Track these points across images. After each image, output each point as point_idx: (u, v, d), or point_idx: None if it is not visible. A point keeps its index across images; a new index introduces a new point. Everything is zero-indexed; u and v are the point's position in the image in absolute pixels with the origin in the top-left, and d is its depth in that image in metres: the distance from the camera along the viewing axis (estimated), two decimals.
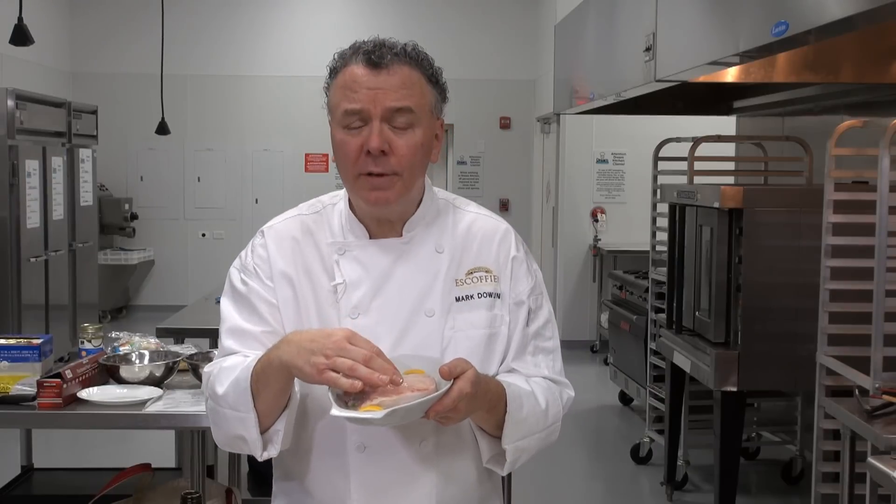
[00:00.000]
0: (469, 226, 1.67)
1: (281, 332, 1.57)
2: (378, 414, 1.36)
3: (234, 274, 1.66)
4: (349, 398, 1.42)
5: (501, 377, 1.59)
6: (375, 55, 1.54)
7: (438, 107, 1.61)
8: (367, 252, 1.61)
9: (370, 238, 1.62)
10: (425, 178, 1.66)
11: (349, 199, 1.65)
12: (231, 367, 1.55)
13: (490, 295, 1.62)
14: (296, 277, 1.60)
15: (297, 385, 1.51)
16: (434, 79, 1.60)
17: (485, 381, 1.48)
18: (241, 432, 1.52)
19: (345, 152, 1.55)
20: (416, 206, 1.64)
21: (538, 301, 1.68)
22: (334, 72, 1.58)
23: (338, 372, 1.38)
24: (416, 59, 1.57)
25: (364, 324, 1.56)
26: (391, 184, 1.55)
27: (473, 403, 1.44)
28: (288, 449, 1.57)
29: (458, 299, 1.60)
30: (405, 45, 1.58)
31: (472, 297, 1.61)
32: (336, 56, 1.59)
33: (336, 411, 1.39)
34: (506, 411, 1.53)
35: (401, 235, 1.62)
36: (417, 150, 1.56)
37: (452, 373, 1.41)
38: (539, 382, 1.63)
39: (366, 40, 1.57)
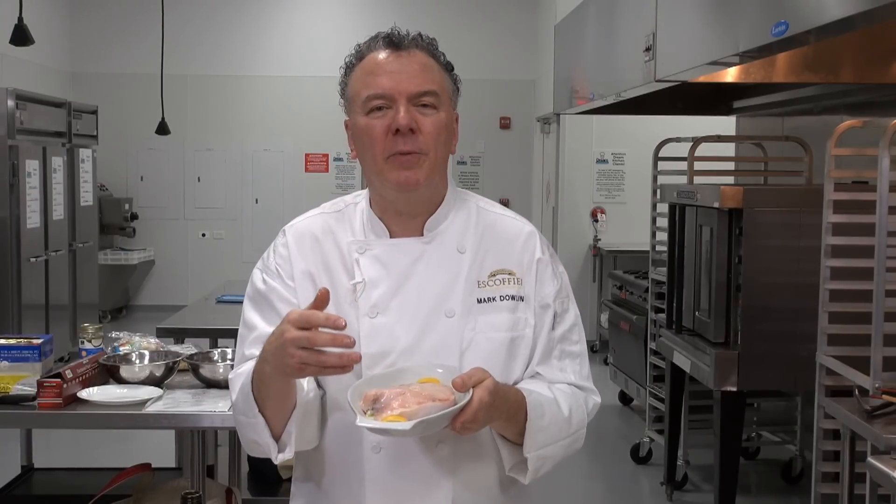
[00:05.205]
0: (492, 226, 1.64)
1: None
2: (406, 425, 1.34)
3: (257, 274, 1.65)
4: (367, 407, 1.40)
5: (523, 384, 1.56)
6: (395, 38, 1.56)
7: (454, 97, 1.62)
8: (388, 251, 1.59)
9: (391, 237, 1.61)
10: (448, 176, 1.64)
11: (370, 199, 1.64)
12: (241, 374, 1.55)
13: (513, 298, 1.59)
14: (316, 276, 1.59)
15: (307, 383, 1.51)
16: (449, 68, 1.62)
17: (503, 390, 1.45)
18: (254, 437, 1.52)
19: (371, 136, 1.53)
20: (439, 205, 1.62)
21: (564, 304, 1.65)
22: (351, 66, 1.59)
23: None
24: (432, 48, 1.59)
25: (383, 322, 1.55)
26: (419, 162, 1.53)
27: (491, 413, 1.42)
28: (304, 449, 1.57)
29: (479, 301, 1.57)
30: (419, 33, 1.60)
31: (494, 299, 1.58)
32: (354, 50, 1.60)
33: (361, 422, 1.37)
34: (526, 419, 1.50)
35: (422, 235, 1.60)
36: (443, 130, 1.55)
37: (466, 384, 1.39)
38: (562, 389, 1.60)
39: (381, 31, 1.60)
